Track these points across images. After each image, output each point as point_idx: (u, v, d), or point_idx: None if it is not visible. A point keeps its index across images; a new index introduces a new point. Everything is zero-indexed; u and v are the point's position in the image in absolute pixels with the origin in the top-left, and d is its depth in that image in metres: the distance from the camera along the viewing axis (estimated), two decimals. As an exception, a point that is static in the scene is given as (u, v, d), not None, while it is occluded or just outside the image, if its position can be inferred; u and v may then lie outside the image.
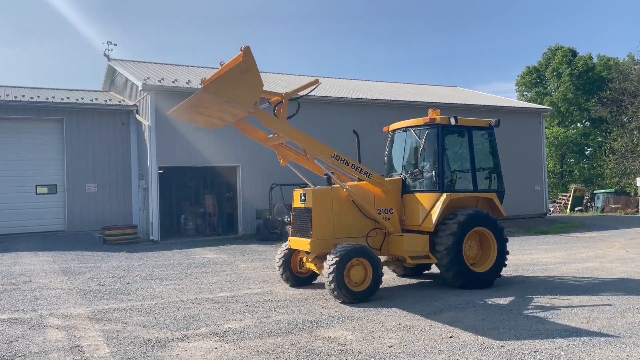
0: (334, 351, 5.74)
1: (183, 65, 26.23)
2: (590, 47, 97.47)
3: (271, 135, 9.34)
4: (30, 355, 5.79)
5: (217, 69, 8.09)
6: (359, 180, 9.48)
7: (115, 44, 25.56)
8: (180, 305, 8.29)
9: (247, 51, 7.55)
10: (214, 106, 8.09)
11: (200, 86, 20.61)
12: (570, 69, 52.64)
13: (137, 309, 8.08)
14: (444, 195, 9.37)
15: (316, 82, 8.93)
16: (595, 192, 41.57)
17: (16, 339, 6.45)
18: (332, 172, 9.29)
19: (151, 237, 18.97)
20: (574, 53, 54.52)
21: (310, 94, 8.33)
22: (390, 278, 10.51)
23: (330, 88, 24.99)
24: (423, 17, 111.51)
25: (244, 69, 7.50)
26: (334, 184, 9.30)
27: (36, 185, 20.17)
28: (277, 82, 24.91)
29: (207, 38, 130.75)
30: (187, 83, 20.53)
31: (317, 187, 9.57)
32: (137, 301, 8.74)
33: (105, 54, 24.88)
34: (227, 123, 9.00)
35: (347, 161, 9.07)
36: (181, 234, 21.87)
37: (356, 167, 9.19)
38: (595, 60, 54.33)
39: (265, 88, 7.45)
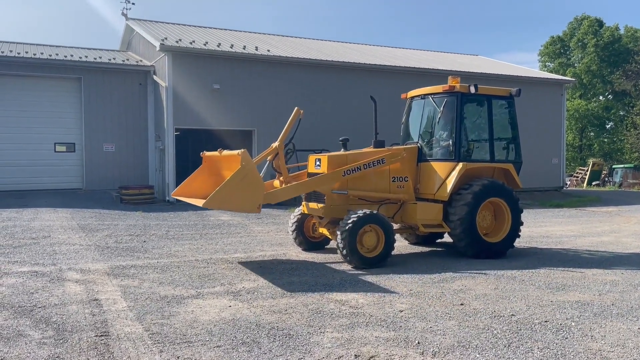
0: (346, 313, 5.83)
1: (201, 27, 25.98)
2: (617, 17, 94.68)
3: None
4: (50, 307, 5.96)
5: (233, 31, 7.95)
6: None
7: (133, 3, 25.28)
8: (195, 264, 8.45)
9: (244, 155, 7.70)
10: None
11: (217, 47, 20.48)
12: (595, 39, 51.25)
13: (153, 267, 8.25)
14: (460, 165, 9.30)
15: (298, 112, 8.91)
16: (613, 166, 40.97)
17: (36, 291, 6.64)
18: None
19: (167, 198, 19.19)
20: (600, 23, 53.00)
21: (329, 59, 8.29)
22: (402, 245, 10.57)
23: (349, 53, 24.65)
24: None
25: (242, 176, 7.63)
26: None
27: (55, 143, 20.39)
28: (298, 46, 24.63)
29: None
30: (205, 45, 20.37)
31: (332, 152, 9.56)
32: (153, 259, 8.92)
33: (123, 13, 24.73)
34: None
35: (358, 167, 9.02)
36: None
37: (367, 165, 9.11)
38: (622, 31, 52.82)
39: (283, 54, 7.35)
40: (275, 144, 8.87)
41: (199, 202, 7.92)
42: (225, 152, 8.65)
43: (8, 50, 20.51)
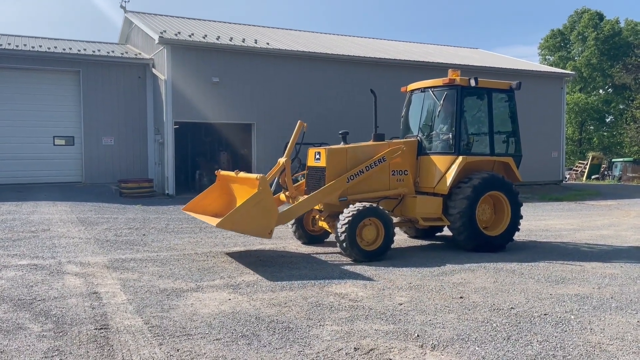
0: (345, 307, 5.83)
1: (200, 20, 25.86)
2: (618, 11, 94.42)
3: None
4: (50, 300, 5.96)
5: (233, 23, 7.94)
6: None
7: (131, -4, 25.18)
8: (195, 258, 8.45)
9: (262, 180, 7.83)
10: None
11: (217, 40, 20.35)
12: (596, 33, 51.10)
13: (152, 260, 8.25)
14: (460, 158, 9.29)
15: (301, 125, 9.02)
16: (613, 160, 40.96)
17: (36, 284, 6.63)
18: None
19: (166, 192, 19.19)
20: (600, 16, 52.84)
21: (329, 52, 8.25)
22: (402, 239, 10.57)
23: (349, 47, 24.57)
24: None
25: (257, 200, 7.74)
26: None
27: (54, 137, 20.34)
28: (298, 39, 24.54)
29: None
30: (204, 37, 20.30)
31: (331, 146, 9.55)
32: (152, 252, 8.92)
33: (121, 6, 24.61)
34: None
35: (361, 171, 9.03)
36: (196, 189, 21.99)
37: (369, 166, 9.10)
38: (622, 24, 52.66)
39: (283, 47, 7.33)
40: (282, 160, 8.89)
41: (212, 221, 8.02)
42: (242, 174, 8.76)
43: (6, 43, 20.42)
